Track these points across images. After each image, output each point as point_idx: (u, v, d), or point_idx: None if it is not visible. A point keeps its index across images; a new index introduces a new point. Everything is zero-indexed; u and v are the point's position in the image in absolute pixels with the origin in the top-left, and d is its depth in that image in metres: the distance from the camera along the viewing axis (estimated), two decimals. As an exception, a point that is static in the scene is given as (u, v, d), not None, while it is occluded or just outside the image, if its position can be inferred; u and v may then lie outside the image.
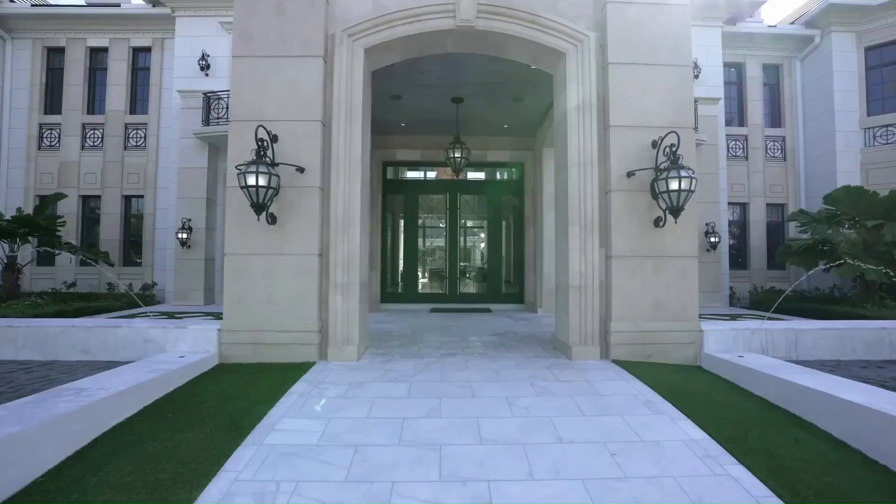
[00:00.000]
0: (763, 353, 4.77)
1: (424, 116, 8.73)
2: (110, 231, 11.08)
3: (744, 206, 11.53)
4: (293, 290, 4.74)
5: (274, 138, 4.71)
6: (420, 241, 10.52)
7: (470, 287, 10.56)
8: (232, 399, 3.52)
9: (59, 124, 11.24)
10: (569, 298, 4.97)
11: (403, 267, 10.24)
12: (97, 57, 11.53)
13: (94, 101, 11.52)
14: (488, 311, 9.52)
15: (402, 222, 10.40)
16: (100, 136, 11.37)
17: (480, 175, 10.96)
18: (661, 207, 4.76)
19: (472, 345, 5.74)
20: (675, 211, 4.42)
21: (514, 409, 3.38)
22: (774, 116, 11.80)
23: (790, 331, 4.81)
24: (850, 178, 10.37)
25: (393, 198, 10.61)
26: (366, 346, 5.38)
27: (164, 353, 4.59)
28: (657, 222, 4.81)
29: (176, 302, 9.73)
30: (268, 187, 4.26)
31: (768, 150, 11.60)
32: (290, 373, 4.30)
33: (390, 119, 8.95)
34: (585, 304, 4.91)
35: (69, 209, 10.91)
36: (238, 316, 4.72)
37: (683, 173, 4.28)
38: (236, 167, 4.36)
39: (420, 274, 10.52)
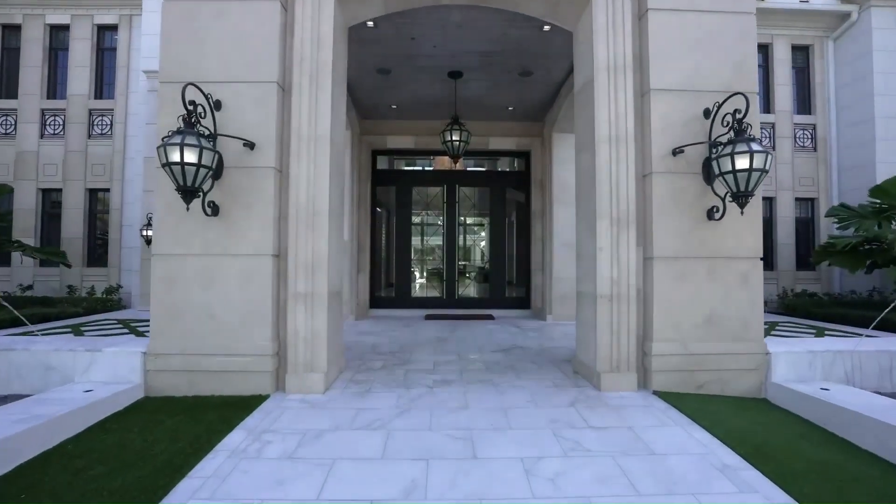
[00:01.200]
0: (848, 381, 3.69)
1: (418, 97, 7.64)
2: (73, 228, 9.98)
3: (770, 201, 10.43)
4: (241, 301, 3.66)
5: (216, 105, 3.63)
6: (414, 239, 9.43)
7: (470, 290, 9.47)
8: (128, 466, 2.44)
9: (16, 110, 10.13)
10: (596, 312, 3.89)
11: (396, 268, 9.16)
12: (58, 35, 10.41)
13: (55, 85, 10.39)
14: (490, 318, 8.43)
15: (394, 218, 9.30)
16: (61, 122, 10.27)
17: (481, 165, 9.87)
18: (716, 194, 3.68)
19: (472, 365, 4.66)
20: (742, 197, 3.33)
21: (535, 483, 2.30)
22: (804, 102, 10.72)
23: (884, 353, 3.73)
24: (892, 170, 9.29)
25: (384, 191, 9.52)
26: (339, 369, 4.30)
27: (71, 383, 3.52)
28: (711, 213, 3.73)
29: (142, 307, 8.65)
30: (199, 165, 3.17)
31: (797, 140, 10.52)
32: (232, 413, 3.22)
33: (379, 101, 7.86)
34: (618, 318, 3.83)
35: (27, 204, 9.84)
36: (169, 335, 3.64)
37: (756, 147, 3.20)
38: (162, 139, 3.28)
39: (414, 276, 9.43)
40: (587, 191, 4.16)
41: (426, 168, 9.77)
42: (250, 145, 3.66)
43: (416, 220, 9.47)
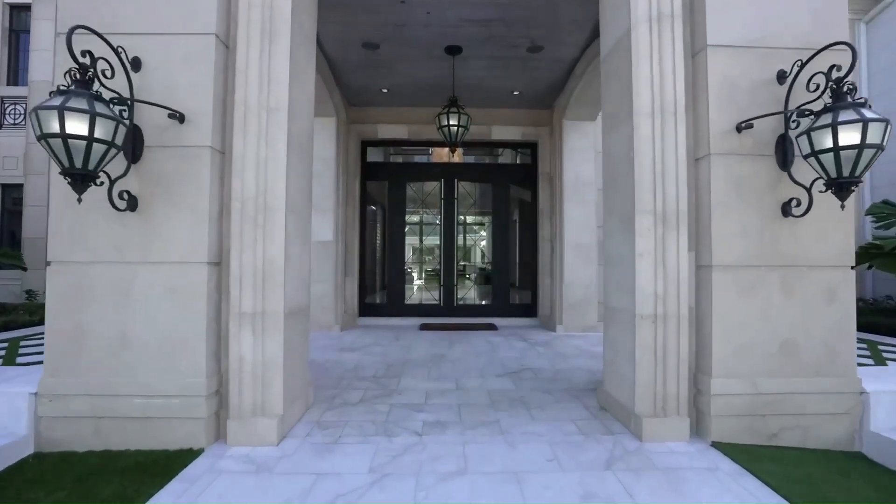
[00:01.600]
0: (969, 430, 2.79)
1: (411, 78, 6.74)
2: (35, 227, 9.11)
3: (799, 198, 9.53)
4: (166, 324, 2.76)
5: (133, 63, 2.73)
6: (409, 239, 8.53)
7: (470, 296, 8.56)
8: None
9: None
10: (635, 336, 2.98)
11: (388, 272, 8.24)
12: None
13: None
14: (493, 328, 7.53)
15: (386, 216, 8.39)
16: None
17: (483, 158, 8.97)
18: (796, 181, 2.78)
19: (474, 398, 3.75)
20: (845, 186, 2.42)
21: None
22: (834, 90, 9.84)
23: None
24: (935, 163, 8.40)
25: (375, 186, 8.62)
26: (304, 406, 3.40)
27: (-64, 435, 2.61)
28: (788, 207, 2.83)
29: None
30: (92, 139, 2.25)
31: (828, 131, 9.61)
32: (142, 481, 2.32)
33: (368, 84, 6.96)
34: (665, 345, 2.92)
35: (-21, 200, 8.96)
36: (70, 370, 2.73)
37: (869, 114, 2.29)
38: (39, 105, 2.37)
39: (408, 280, 8.52)
40: (620, 179, 3.26)
41: (422, 161, 8.87)
42: (179, 117, 2.76)
43: (410, 218, 8.57)
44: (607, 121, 3.56)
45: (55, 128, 2.18)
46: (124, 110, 2.63)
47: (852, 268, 2.90)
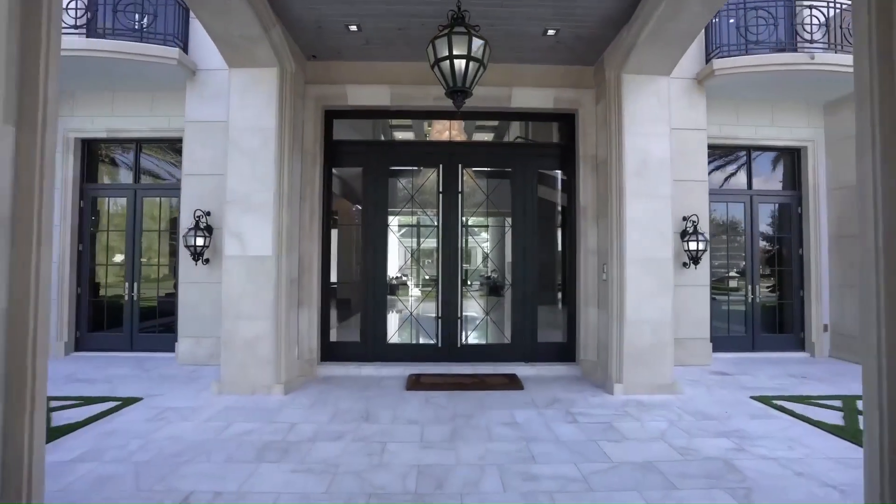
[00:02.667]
0: None
1: (394, 11, 4.33)
2: None
3: None
4: None
5: None
6: (393, 251, 6.07)
7: (479, 332, 6.10)
8: None
9: None
10: None
11: (363, 297, 5.78)
12: None
13: None
14: (515, 382, 5.08)
15: (360, 219, 5.93)
16: None
17: (500, 135, 6.52)
18: None
19: None
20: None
21: None
22: None
23: None
24: None
25: (345, 174, 6.20)
26: None
27: None
28: None
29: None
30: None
31: None
32: None
33: (330, 18, 4.55)
34: None
35: None
36: None
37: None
38: None
39: (392, 311, 6.06)
40: None
41: (410, 139, 6.40)
42: None
43: (396, 221, 6.13)
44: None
45: None
46: None
47: None
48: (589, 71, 5.59)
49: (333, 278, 5.91)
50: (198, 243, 5.53)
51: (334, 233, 5.98)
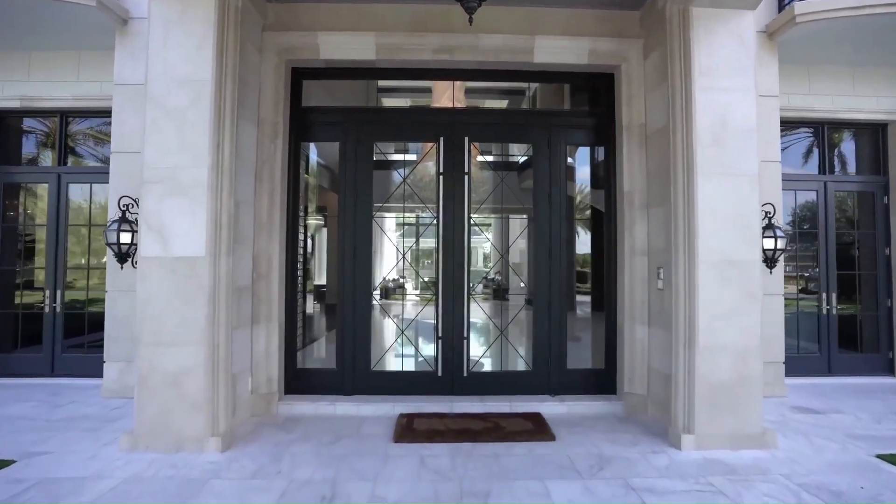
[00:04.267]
0: None
1: None
2: None
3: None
4: None
5: None
6: (380, 251, 4.76)
7: (492, 356, 4.77)
8: None
9: None
10: None
11: (340, 312, 4.45)
12: None
13: None
14: (539, 425, 3.78)
15: (338, 208, 4.58)
16: None
17: (517, 101, 5.21)
18: None
19: None
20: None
21: None
22: None
23: None
24: None
25: (319, 151, 4.91)
26: None
27: None
28: None
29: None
30: None
31: None
32: None
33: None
34: None
35: None
36: None
37: None
38: None
39: (378, 328, 4.75)
40: None
41: (402, 105, 5.07)
42: None
43: (384, 213, 4.81)
44: None
45: None
46: None
47: None
48: (633, 17, 4.29)
49: (321, 282, 4.60)
50: (123, 240, 4.20)
51: (324, 231, 4.67)
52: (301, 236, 4.93)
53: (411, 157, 5.26)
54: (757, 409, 3.38)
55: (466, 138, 4.42)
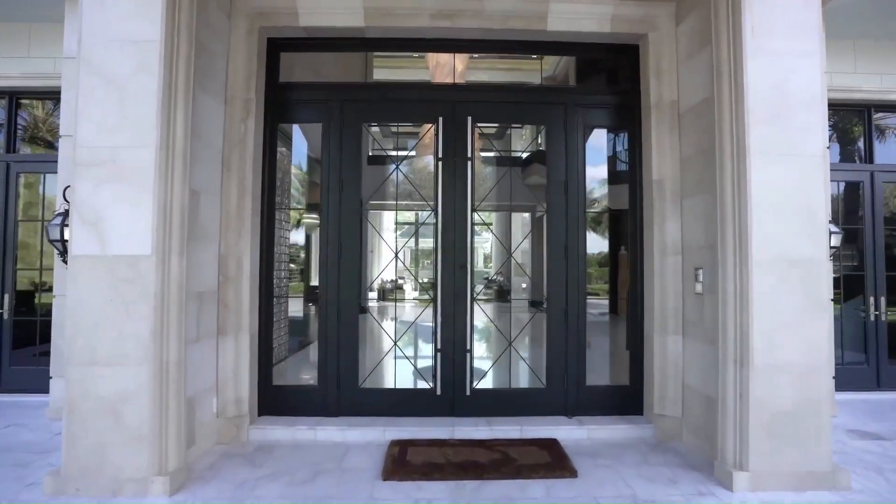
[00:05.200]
0: None
1: None
2: None
3: None
4: None
5: None
6: (369, 251, 4.15)
7: (499, 371, 4.14)
8: None
9: None
10: None
11: (323, 320, 3.83)
12: None
13: None
14: (562, 465, 3.15)
15: (321, 201, 3.96)
16: None
17: (525, 76, 4.58)
18: None
19: None
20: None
21: None
22: None
23: None
24: None
25: (301, 135, 4.32)
26: None
27: None
28: None
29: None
30: None
31: None
32: None
33: None
34: None
35: None
36: None
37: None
38: None
39: (367, 339, 4.14)
40: None
41: (395, 79, 4.44)
42: None
43: (373, 206, 4.21)
44: None
45: None
46: None
47: None
48: (663, -22, 3.69)
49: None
50: (69, 237, 3.60)
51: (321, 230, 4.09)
52: (288, 233, 4.36)
53: (404, 143, 4.65)
54: (825, 440, 2.78)
55: (469, 119, 3.81)
